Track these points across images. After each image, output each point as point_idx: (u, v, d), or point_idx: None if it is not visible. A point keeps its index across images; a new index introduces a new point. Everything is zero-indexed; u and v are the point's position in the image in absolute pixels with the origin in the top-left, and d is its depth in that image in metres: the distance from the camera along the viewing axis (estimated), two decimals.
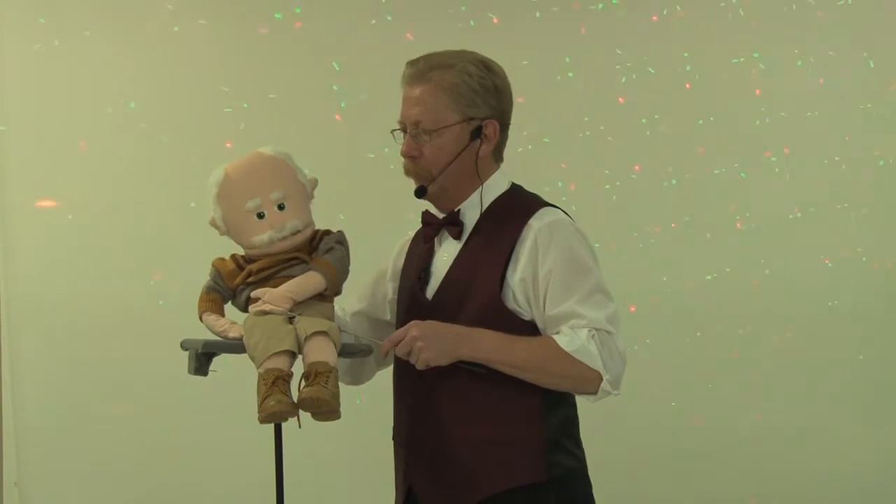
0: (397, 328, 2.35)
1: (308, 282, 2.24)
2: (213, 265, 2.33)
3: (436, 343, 2.19)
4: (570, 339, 2.20)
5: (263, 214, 2.28)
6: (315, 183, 2.37)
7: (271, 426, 2.31)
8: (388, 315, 2.53)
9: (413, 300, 2.38)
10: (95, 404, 3.53)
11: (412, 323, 2.22)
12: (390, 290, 2.54)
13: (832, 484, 3.96)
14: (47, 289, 3.52)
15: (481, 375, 2.23)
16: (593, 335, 2.20)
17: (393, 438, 2.49)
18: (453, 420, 2.29)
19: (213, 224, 2.33)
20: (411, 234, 2.54)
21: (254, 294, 2.24)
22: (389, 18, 3.83)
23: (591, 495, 2.37)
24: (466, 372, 2.23)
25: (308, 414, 2.13)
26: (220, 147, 3.64)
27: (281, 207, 2.29)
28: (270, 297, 2.21)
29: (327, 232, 2.36)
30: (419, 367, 2.20)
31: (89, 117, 3.62)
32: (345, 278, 2.32)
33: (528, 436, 2.27)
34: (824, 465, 3.98)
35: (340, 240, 2.33)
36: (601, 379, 2.21)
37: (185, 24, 3.72)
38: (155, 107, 3.67)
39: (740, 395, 3.95)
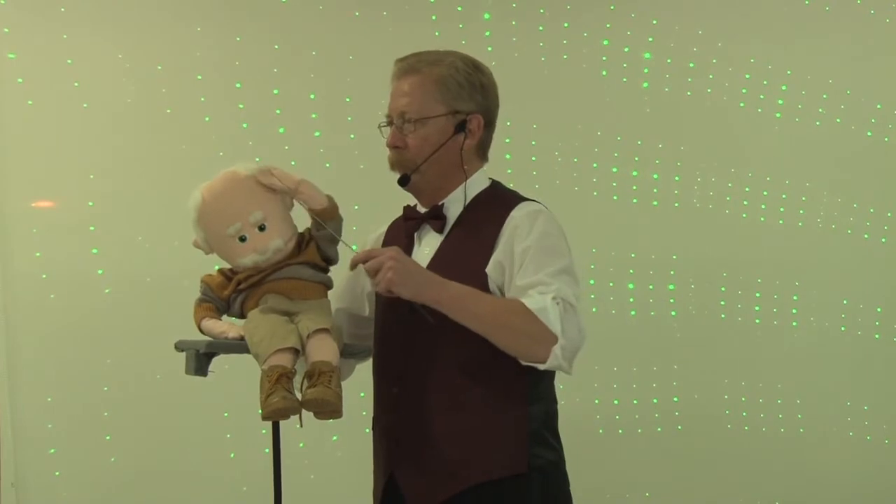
0: (377, 321, 2.40)
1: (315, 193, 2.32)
2: (202, 280, 2.35)
3: (406, 274, 2.18)
4: (535, 300, 2.21)
5: (245, 238, 2.30)
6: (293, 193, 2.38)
7: (271, 426, 2.32)
8: (367, 310, 2.53)
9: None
10: (94, 405, 3.53)
11: (392, 247, 2.22)
12: (368, 283, 2.54)
13: (832, 484, 3.96)
14: (47, 289, 3.52)
15: (432, 326, 2.21)
16: (558, 302, 2.21)
17: (373, 428, 2.49)
18: (439, 410, 2.30)
19: (197, 245, 2.35)
20: (383, 228, 2.56)
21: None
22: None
23: (569, 491, 2.38)
24: (421, 317, 2.21)
25: (310, 413, 2.13)
26: (219, 147, 3.64)
27: (262, 229, 2.30)
28: (280, 173, 2.28)
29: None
30: (379, 289, 2.19)
31: (87, 118, 3.62)
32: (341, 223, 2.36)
33: (511, 427, 2.29)
34: (825, 466, 3.98)
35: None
36: (555, 342, 2.20)
37: (183, 24, 3.72)
38: (154, 107, 3.67)
39: (741, 393, 3.96)
